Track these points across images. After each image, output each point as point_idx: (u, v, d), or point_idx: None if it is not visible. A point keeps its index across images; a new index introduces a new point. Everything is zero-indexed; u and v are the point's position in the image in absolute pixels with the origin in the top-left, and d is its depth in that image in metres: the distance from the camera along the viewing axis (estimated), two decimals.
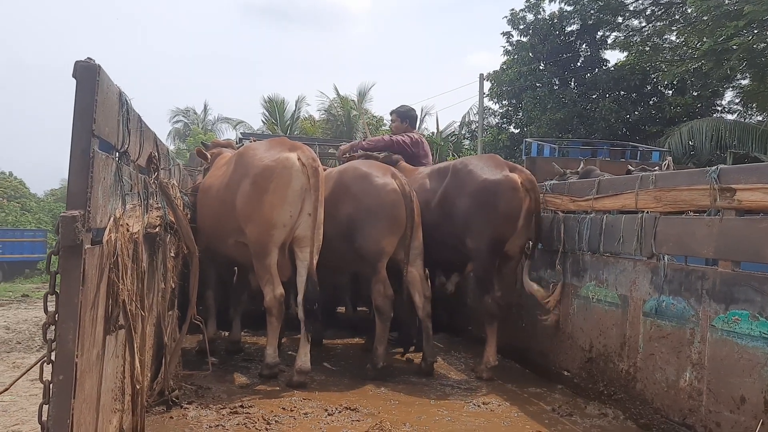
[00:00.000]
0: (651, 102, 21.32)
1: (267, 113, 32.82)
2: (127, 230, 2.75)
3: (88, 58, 2.15)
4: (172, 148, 40.27)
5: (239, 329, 6.16)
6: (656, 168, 7.77)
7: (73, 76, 2.12)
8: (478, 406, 4.62)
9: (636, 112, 20.93)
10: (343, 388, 4.99)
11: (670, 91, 21.07)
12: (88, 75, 2.13)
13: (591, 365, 4.89)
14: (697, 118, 18.59)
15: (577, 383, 5.02)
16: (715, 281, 3.72)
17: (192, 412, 4.15)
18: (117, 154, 2.63)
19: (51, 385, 2.11)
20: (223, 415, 4.13)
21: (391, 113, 7.30)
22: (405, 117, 7.10)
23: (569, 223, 5.32)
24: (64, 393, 2.10)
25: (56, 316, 2.11)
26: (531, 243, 5.51)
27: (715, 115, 19.95)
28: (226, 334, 6.25)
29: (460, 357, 6.29)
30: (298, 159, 4.87)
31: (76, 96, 2.12)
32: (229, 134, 40.91)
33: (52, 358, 2.13)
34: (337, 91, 31.48)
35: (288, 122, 32.61)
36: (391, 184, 5.28)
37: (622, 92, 21.08)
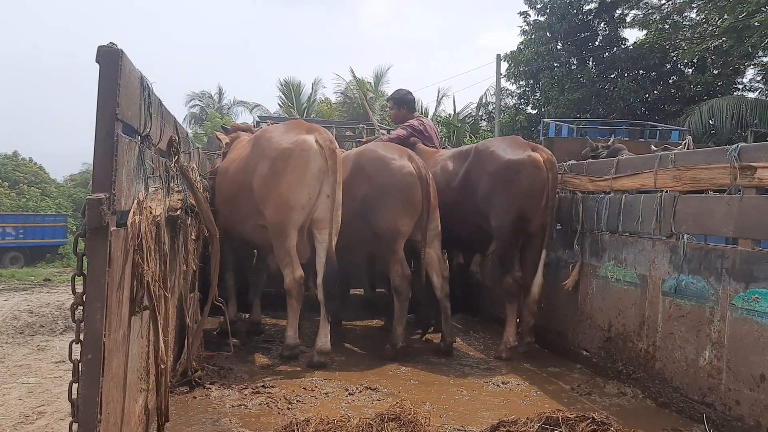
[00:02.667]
0: (670, 81, 21.03)
1: (283, 96, 32.80)
2: (150, 213, 2.79)
3: (111, 43, 2.18)
4: (189, 132, 40.33)
5: (259, 311, 6.23)
6: (679, 147, 7.74)
7: (96, 60, 2.14)
8: (497, 385, 4.66)
9: (655, 92, 20.67)
10: (363, 368, 5.04)
11: (690, 70, 20.77)
12: (110, 60, 2.15)
13: (610, 345, 4.90)
14: (717, 96, 18.30)
15: (596, 362, 5.04)
16: (735, 260, 3.72)
17: (215, 392, 4.23)
18: (139, 137, 2.66)
19: (80, 364, 2.16)
20: (245, 395, 4.20)
21: (387, 100, 7.23)
22: (402, 102, 7.03)
23: (588, 203, 5.31)
24: (93, 372, 2.14)
25: (84, 296, 2.15)
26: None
27: (735, 93, 19.61)
28: (246, 315, 6.32)
29: (478, 337, 6.33)
30: (316, 141, 4.89)
31: (99, 80, 2.14)
32: (246, 117, 40.95)
33: (81, 338, 2.17)
34: (353, 73, 31.38)
35: (304, 105, 32.59)
36: (408, 167, 5.30)
37: (641, 71, 20.81)
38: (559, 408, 4.03)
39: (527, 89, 23.35)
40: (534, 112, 22.78)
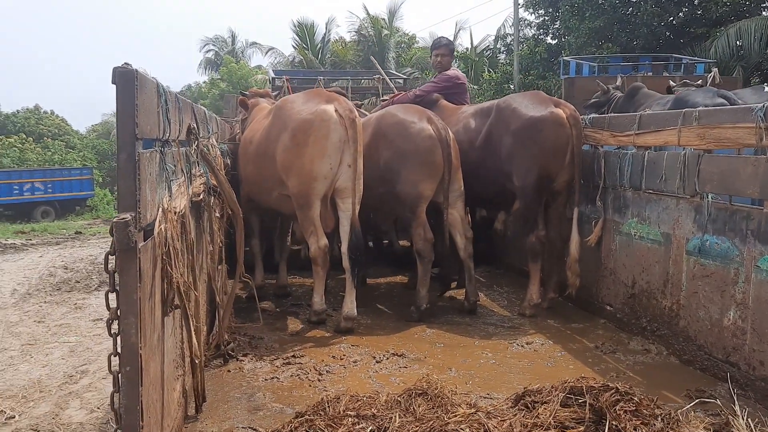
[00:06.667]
0: (696, 2, 20.27)
1: (297, 38, 32.33)
2: (175, 214, 2.84)
3: (125, 63, 2.18)
4: (205, 78, 40.28)
5: (286, 274, 6.34)
6: (699, 81, 7.53)
7: (113, 82, 2.15)
8: (522, 346, 4.74)
9: (680, 14, 19.95)
10: (389, 331, 5.15)
11: None
12: (126, 80, 2.16)
13: (634, 301, 4.94)
14: (745, 17, 17.65)
15: (620, 318, 5.09)
16: (761, 222, 3.69)
17: (248, 364, 4.36)
18: (159, 143, 2.68)
19: (119, 375, 2.25)
20: (276, 366, 4.32)
21: (438, 47, 6.96)
22: (453, 51, 7.13)
23: (610, 159, 5.26)
24: (132, 382, 2.24)
25: (118, 311, 2.23)
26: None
27: (764, 13, 18.90)
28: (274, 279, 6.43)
29: (502, 292, 6.40)
30: (336, 111, 4.87)
31: (117, 102, 2.15)
32: (260, 59, 40.68)
33: (118, 350, 2.26)
34: (366, 10, 30.79)
35: (319, 46, 32.11)
36: (427, 130, 5.26)
37: None
38: (584, 371, 4.12)
39: (546, 18, 22.69)
40: (554, 42, 22.20)
